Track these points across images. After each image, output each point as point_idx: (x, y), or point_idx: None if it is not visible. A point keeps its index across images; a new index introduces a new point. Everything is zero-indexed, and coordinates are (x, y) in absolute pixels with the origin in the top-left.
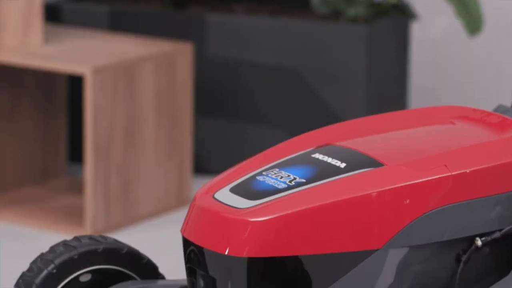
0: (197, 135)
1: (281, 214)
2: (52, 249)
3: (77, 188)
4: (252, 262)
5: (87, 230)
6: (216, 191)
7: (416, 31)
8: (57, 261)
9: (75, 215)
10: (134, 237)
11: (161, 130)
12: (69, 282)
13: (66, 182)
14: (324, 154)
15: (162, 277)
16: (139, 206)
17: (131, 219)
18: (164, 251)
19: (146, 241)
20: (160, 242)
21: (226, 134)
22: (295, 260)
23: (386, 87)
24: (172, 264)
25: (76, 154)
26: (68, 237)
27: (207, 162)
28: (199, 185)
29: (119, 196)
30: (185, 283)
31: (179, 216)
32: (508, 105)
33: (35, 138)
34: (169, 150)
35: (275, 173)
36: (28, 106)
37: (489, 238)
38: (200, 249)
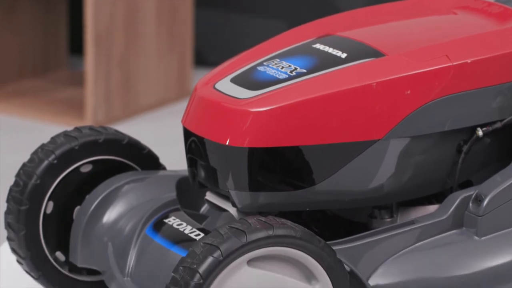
0: (197, 28)
1: (282, 104)
2: (53, 139)
3: (78, 80)
4: (253, 152)
5: (87, 122)
6: (217, 82)
7: None
8: (58, 151)
9: (76, 107)
10: (134, 129)
11: (162, 23)
12: (70, 172)
13: (67, 75)
14: (325, 44)
15: (163, 168)
16: (139, 98)
17: (131, 111)
18: (164, 142)
19: (146, 132)
20: (161, 134)
21: (226, 26)
22: (296, 151)
23: None
24: (172, 155)
25: (76, 46)
26: (69, 129)
27: (207, 55)
28: (200, 77)
29: (120, 88)
30: (186, 173)
31: (180, 108)
32: None
33: (35, 30)
34: (170, 43)
35: (276, 63)
36: None
37: (490, 128)
38: (200, 140)
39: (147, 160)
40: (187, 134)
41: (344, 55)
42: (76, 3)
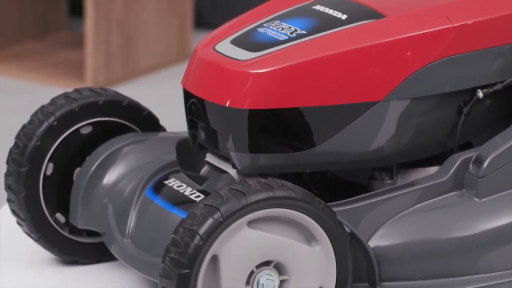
0: None
1: (282, 65)
2: (53, 101)
3: (78, 42)
4: (253, 114)
5: (88, 84)
6: (217, 43)
7: None
8: (58, 113)
9: (76, 69)
10: (135, 91)
11: None
12: (69, 134)
13: (67, 36)
14: (325, 5)
15: (163, 130)
16: (139, 60)
17: (131, 73)
18: (164, 104)
19: (146, 94)
20: (160, 96)
21: None
22: (296, 112)
23: None
24: (172, 117)
25: (76, 8)
26: (69, 90)
27: (207, 16)
28: (200, 39)
29: (120, 50)
30: (186, 135)
31: (180, 70)
32: None
33: None
34: (170, 4)
35: (276, 25)
36: None
37: (490, 90)
38: (201, 101)
39: (147, 122)
40: (187, 95)
41: (344, 17)
42: None
